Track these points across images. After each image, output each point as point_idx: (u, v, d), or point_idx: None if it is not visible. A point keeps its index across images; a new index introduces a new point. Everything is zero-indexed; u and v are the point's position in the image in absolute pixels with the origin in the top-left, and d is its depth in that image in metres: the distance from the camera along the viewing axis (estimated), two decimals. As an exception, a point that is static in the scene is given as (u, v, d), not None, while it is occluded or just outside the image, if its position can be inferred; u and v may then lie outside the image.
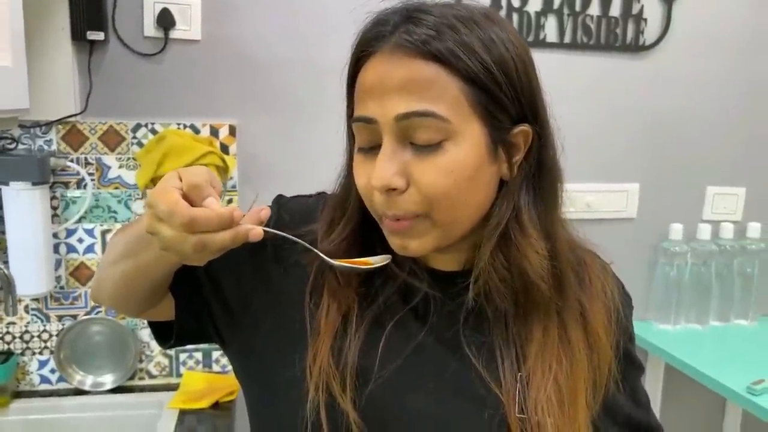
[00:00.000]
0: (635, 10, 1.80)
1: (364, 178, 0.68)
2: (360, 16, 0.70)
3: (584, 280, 0.77)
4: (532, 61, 0.70)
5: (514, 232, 0.69)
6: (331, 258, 0.71)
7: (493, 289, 0.70)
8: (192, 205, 0.60)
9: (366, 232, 0.74)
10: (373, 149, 0.67)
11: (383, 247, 0.73)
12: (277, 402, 0.75)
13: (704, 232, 1.91)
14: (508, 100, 0.66)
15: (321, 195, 0.83)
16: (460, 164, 0.65)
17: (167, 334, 0.83)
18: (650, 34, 1.83)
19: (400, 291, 0.74)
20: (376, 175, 0.65)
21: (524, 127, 0.68)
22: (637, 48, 1.82)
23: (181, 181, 0.62)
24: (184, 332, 0.81)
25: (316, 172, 0.81)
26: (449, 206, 0.66)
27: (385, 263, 0.72)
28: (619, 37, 1.80)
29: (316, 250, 0.71)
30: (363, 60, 0.68)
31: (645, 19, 1.81)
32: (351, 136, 0.74)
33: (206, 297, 0.79)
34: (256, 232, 0.62)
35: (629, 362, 0.83)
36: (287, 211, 0.81)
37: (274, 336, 0.76)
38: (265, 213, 0.66)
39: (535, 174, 0.70)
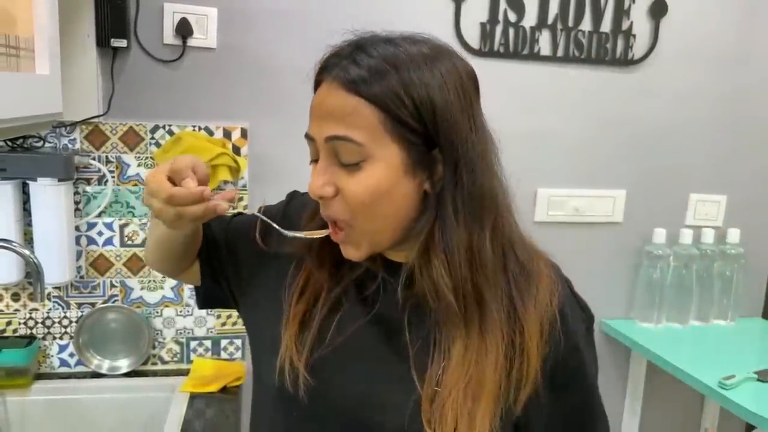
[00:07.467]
0: (625, 26, 1.87)
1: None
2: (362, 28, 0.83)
3: (530, 289, 0.81)
4: (468, 99, 0.76)
5: (435, 241, 0.76)
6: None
7: (428, 291, 0.77)
8: (174, 185, 0.76)
9: None
10: (316, 161, 0.80)
11: None
12: (264, 358, 0.89)
13: (686, 236, 1.97)
14: (421, 128, 0.74)
15: None
16: (375, 180, 0.74)
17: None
18: (639, 49, 1.90)
19: (359, 279, 0.86)
20: (311, 184, 0.78)
21: (436, 152, 0.75)
22: (626, 62, 1.90)
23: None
24: (209, 291, 0.99)
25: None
26: (368, 215, 0.76)
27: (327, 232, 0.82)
28: (609, 52, 1.88)
29: (274, 224, 0.85)
30: (317, 85, 0.79)
31: (634, 35, 1.88)
32: None
33: (224, 261, 0.96)
34: (222, 207, 0.77)
35: (569, 375, 0.83)
36: (295, 204, 0.98)
37: (269, 299, 0.90)
38: (232, 194, 0.82)
39: (456, 193, 0.76)
